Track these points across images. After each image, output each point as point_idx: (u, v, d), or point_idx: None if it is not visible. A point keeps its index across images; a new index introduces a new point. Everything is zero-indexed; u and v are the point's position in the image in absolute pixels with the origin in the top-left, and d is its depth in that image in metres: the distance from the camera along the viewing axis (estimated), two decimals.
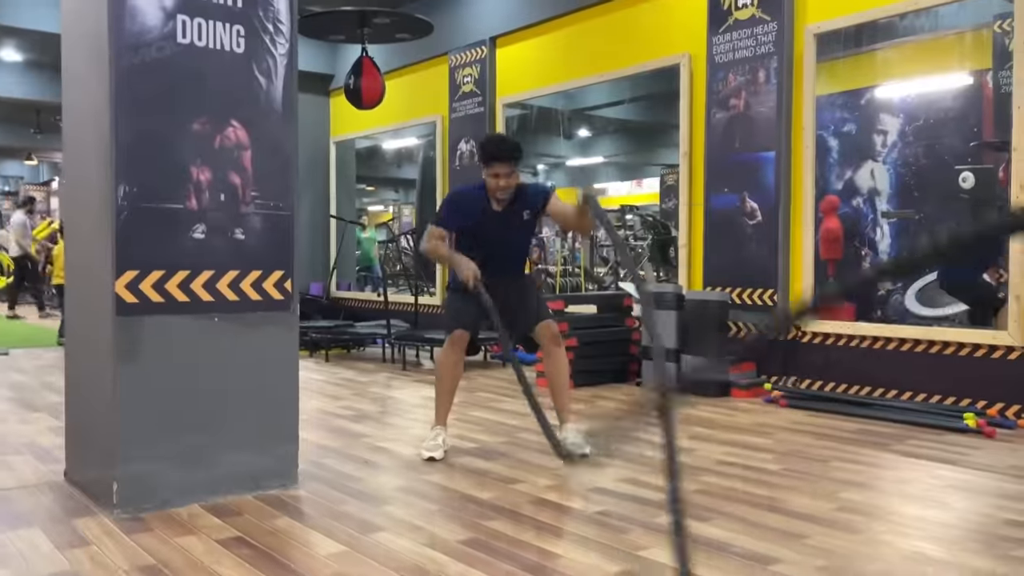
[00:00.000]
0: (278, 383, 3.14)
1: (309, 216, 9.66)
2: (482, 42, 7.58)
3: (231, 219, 2.98)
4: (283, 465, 3.13)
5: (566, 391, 3.79)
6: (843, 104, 6.71)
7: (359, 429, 4.25)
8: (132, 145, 2.77)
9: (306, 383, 5.75)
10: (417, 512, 2.84)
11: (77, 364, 3.20)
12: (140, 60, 2.77)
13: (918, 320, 5.90)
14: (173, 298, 2.87)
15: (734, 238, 5.56)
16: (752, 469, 3.41)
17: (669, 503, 1.23)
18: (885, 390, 4.87)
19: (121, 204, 2.76)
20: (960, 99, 6.38)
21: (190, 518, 2.75)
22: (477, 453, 3.71)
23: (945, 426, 4.20)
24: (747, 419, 4.51)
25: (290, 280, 3.13)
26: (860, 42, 5.82)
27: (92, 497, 2.95)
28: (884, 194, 6.66)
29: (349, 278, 10.23)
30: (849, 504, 2.92)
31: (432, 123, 8.34)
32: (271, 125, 3.06)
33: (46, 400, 4.99)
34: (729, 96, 5.58)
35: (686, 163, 5.98)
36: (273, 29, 3.05)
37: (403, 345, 6.96)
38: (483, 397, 5.25)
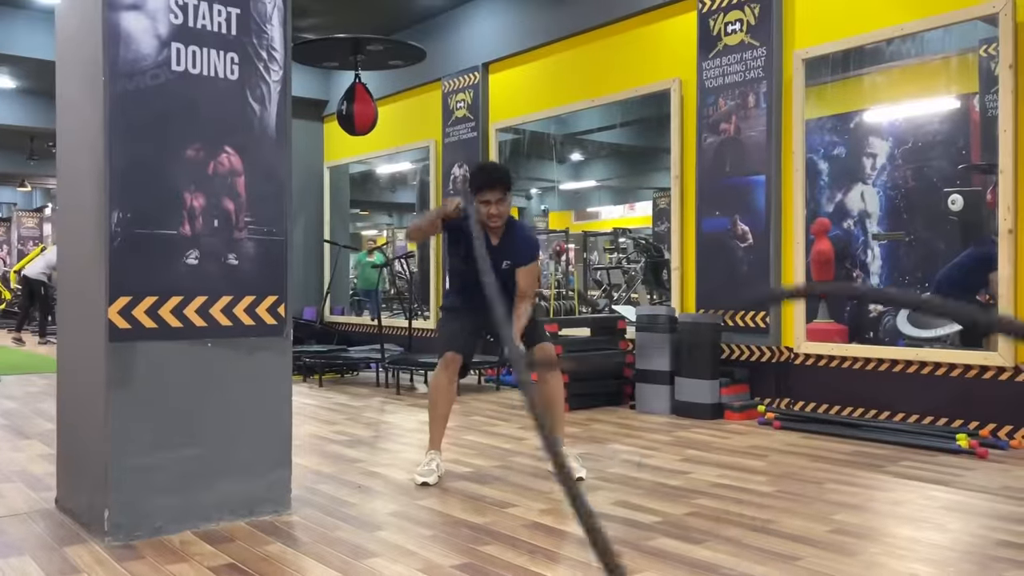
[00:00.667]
0: (271, 408, 3.13)
1: (303, 241, 9.68)
2: (475, 68, 7.65)
3: (225, 244, 2.99)
4: (276, 491, 3.12)
5: (560, 415, 3.79)
6: (832, 128, 6.78)
7: (353, 454, 4.23)
8: (126, 171, 2.79)
9: (300, 408, 5.73)
10: (411, 537, 2.82)
11: (69, 390, 3.19)
12: (134, 87, 2.79)
13: (910, 341, 5.93)
14: (166, 324, 2.87)
15: (726, 261, 5.59)
16: (746, 491, 3.41)
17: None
18: (878, 411, 4.88)
19: (115, 230, 2.77)
20: (948, 122, 6.45)
21: (182, 545, 2.74)
22: (472, 477, 3.70)
23: (938, 447, 4.21)
24: (741, 441, 4.51)
25: (283, 305, 3.14)
26: (848, 67, 5.90)
27: (84, 525, 2.93)
28: (874, 216, 6.72)
29: (343, 302, 10.23)
30: (843, 526, 2.92)
31: (426, 148, 8.39)
32: (265, 151, 3.08)
33: (38, 427, 4.96)
34: (719, 120, 5.63)
35: (678, 186, 6.02)
36: (267, 56, 3.08)
37: (397, 369, 6.95)
38: (478, 421, 5.24)
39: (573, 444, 4.24)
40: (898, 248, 6.70)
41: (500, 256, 3.63)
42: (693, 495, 3.35)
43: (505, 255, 3.64)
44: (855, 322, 6.48)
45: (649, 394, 5.51)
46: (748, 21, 5.47)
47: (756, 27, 5.43)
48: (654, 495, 3.35)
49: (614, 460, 4.02)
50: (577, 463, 3.67)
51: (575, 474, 3.58)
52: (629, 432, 4.82)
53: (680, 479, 3.63)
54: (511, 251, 3.65)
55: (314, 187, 9.84)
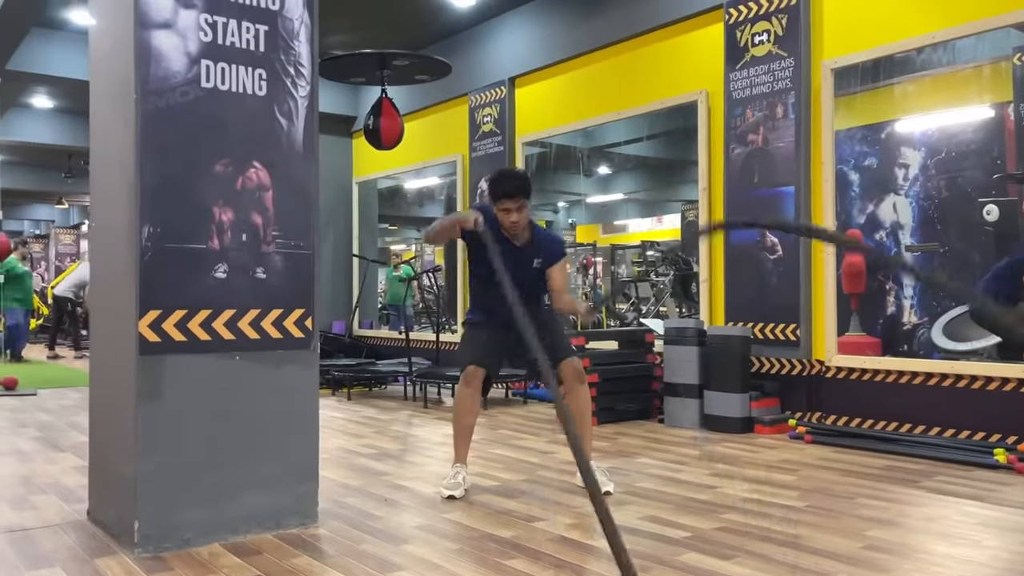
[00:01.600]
0: (299, 421, 3.15)
1: (332, 255, 9.77)
2: (501, 82, 7.69)
3: (253, 258, 3.03)
4: (303, 504, 3.13)
5: (589, 429, 3.76)
6: (863, 138, 6.71)
7: (380, 467, 4.24)
8: (156, 187, 2.83)
9: (328, 421, 5.76)
10: (437, 551, 2.81)
11: (101, 403, 3.23)
12: (165, 104, 2.84)
13: (945, 354, 5.82)
14: (195, 337, 2.90)
15: (755, 273, 5.54)
16: (776, 506, 3.35)
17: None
18: (912, 425, 4.79)
19: (145, 245, 2.81)
20: (982, 132, 6.35)
21: (211, 557, 2.75)
22: (498, 491, 3.68)
23: (974, 462, 4.12)
24: (771, 455, 4.45)
25: (311, 318, 3.16)
26: (878, 76, 5.84)
27: (114, 536, 2.96)
28: (907, 227, 6.62)
29: (371, 316, 10.29)
30: (876, 542, 2.86)
31: (453, 162, 8.43)
32: (292, 166, 3.11)
33: (72, 440, 5.04)
34: (747, 131, 5.60)
35: (705, 198, 5.99)
36: (294, 72, 3.11)
37: (424, 383, 6.96)
38: (504, 434, 5.23)
39: (601, 458, 4.21)
40: (932, 259, 6.60)
41: (528, 256, 3.67)
42: (722, 510, 3.30)
43: (533, 254, 3.68)
44: (888, 335, 6.38)
45: (678, 408, 5.46)
46: (775, 32, 5.44)
47: (784, 37, 5.40)
48: (683, 510, 3.31)
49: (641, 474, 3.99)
50: (605, 476, 3.64)
51: (603, 488, 3.56)
52: (657, 446, 4.77)
53: (709, 494, 3.58)
54: (539, 250, 3.70)
55: (343, 202, 9.93)
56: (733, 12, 5.68)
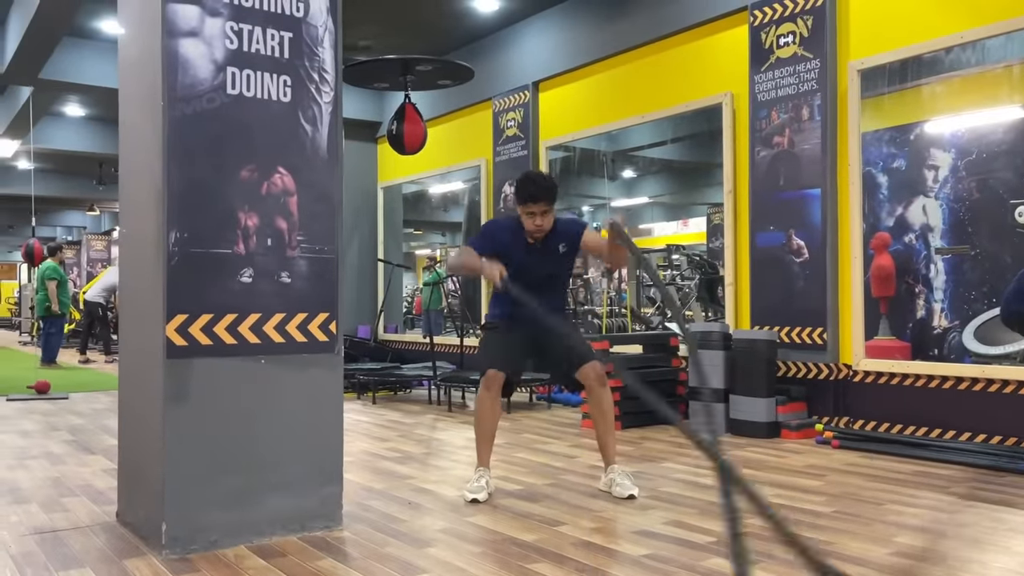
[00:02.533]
0: (323, 424, 3.17)
1: (357, 260, 9.83)
2: (524, 87, 7.70)
3: (278, 263, 3.06)
4: (328, 507, 3.15)
5: (612, 433, 3.75)
6: (891, 140, 6.63)
7: (404, 471, 4.26)
8: (183, 193, 2.87)
9: (353, 425, 5.80)
10: (460, 554, 2.82)
11: (130, 406, 3.28)
12: (191, 111, 2.87)
13: (977, 358, 5.73)
14: (221, 340, 2.94)
15: (781, 276, 5.49)
16: (803, 512, 3.32)
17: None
18: (943, 431, 4.72)
19: (172, 250, 2.85)
20: (1013, 132, 6.25)
21: (236, 559, 2.78)
22: (521, 495, 3.68)
23: (1006, 468, 4.05)
24: (798, 460, 4.41)
25: (335, 322, 3.18)
26: (906, 78, 5.77)
27: (142, 538, 3.00)
28: (937, 230, 6.52)
29: (396, 320, 10.33)
30: (905, 549, 2.82)
31: (477, 167, 8.46)
32: (317, 171, 3.14)
33: (103, 443, 5.11)
34: (773, 134, 5.56)
35: (731, 201, 5.95)
36: (319, 78, 3.14)
37: (449, 387, 6.98)
38: (528, 439, 5.22)
39: (626, 463, 4.19)
40: (962, 262, 6.49)
41: (551, 248, 3.68)
42: (747, 515, 3.27)
43: (556, 243, 3.68)
44: (918, 339, 6.29)
45: (703, 412, 5.43)
46: (801, 33, 5.40)
47: (809, 39, 5.35)
48: (708, 515, 3.29)
49: (666, 479, 3.96)
50: (629, 480, 3.63)
51: (626, 492, 3.54)
52: (682, 451, 4.74)
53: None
54: (560, 238, 3.69)
55: (368, 207, 10.00)
56: (758, 14, 5.65)
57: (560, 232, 3.70)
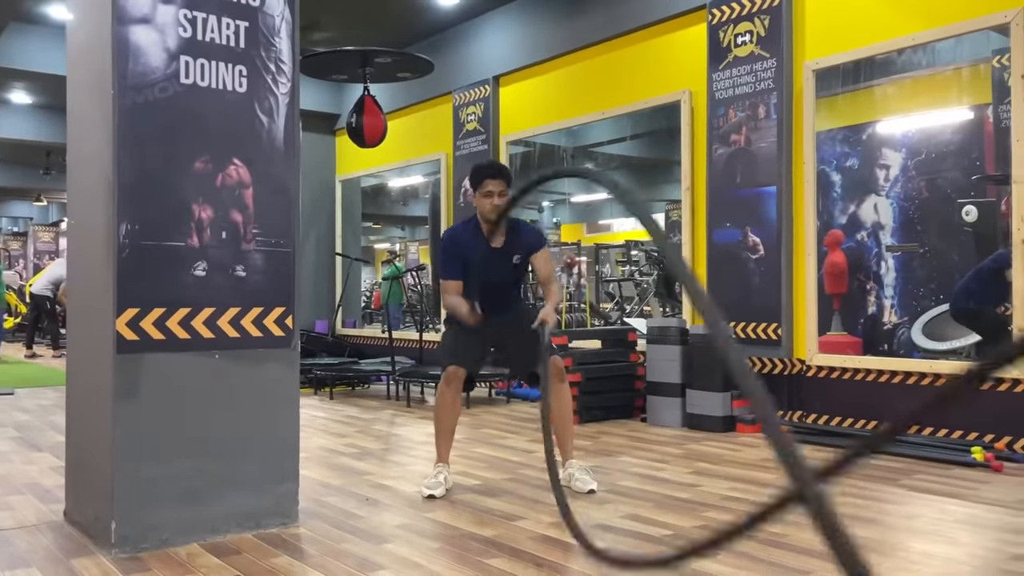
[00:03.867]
0: (279, 420, 3.13)
1: (315, 254, 9.72)
2: (485, 81, 7.67)
3: (232, 256, 3.00)
4: (284, 503, 3.11)
5: (570, 427, 3.76)
6: (844, 139, 6.75)
7: (361, 467, 4.22)
8: (134, 183, 2.80)
9: (310, 421, 5.73)
10: (418, 550, 2.80)
11: (78, 402, 3.20)
12: (143, 100, 2.81)
13: (925, 353, 5.87)
14: (174, 335, 2.88)
15: (737, 273, 5.56)
16: (757, 504, 3.36)
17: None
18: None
19: (123, 242, 2.78)
20: (961, 133, 6.41)
21: (189, 557, 2.73)
22: (480, 490, 3.67)
23: (953, 460, 4.15)
24: (753, 454, 4.47)
25: (291, 316, 3.14)
26: (859, 78, 5.88)
27: (91, 537, 2.93)
28: (888, 228, 6.67)
29: (354, 315, 10.25)
30: (856, 540, 2.87)
31: (437, 161, 8.41)
32: (273, 163, 3.09)
33: (50, 440, 4.98)
34: (730, 132, 5.62)
35: (688, 198, 6.01)
36: (275, 69, 3.09)
37: (408, 382, 6.94)
38: (487, 433, 5.22)
39: (584, 457, 4.21)
40: (912, 260, 6.65)
41: (508, 253, 3.67)
42: (703, 508, 3.31)
43: (514, 250, 3.68)
44: (869, 334, 6.43)
45: (660, 407, 5.48)
46: (758, 32, 5.46)
47: (766, 38, 5.42)
48: (664, 508, 3.32)
49: (624, 473, 3.99)
50: (588, 475, 3.64)
51: (586, 487, 3.56)
52: (639, 445, 4.78)
53: (690, 492, 3.59)
54: (518, 246, 3.69)
55: (326, 200, 9.89)
56: (716, 12, 5.70)
57: (521, 236, 3.70)
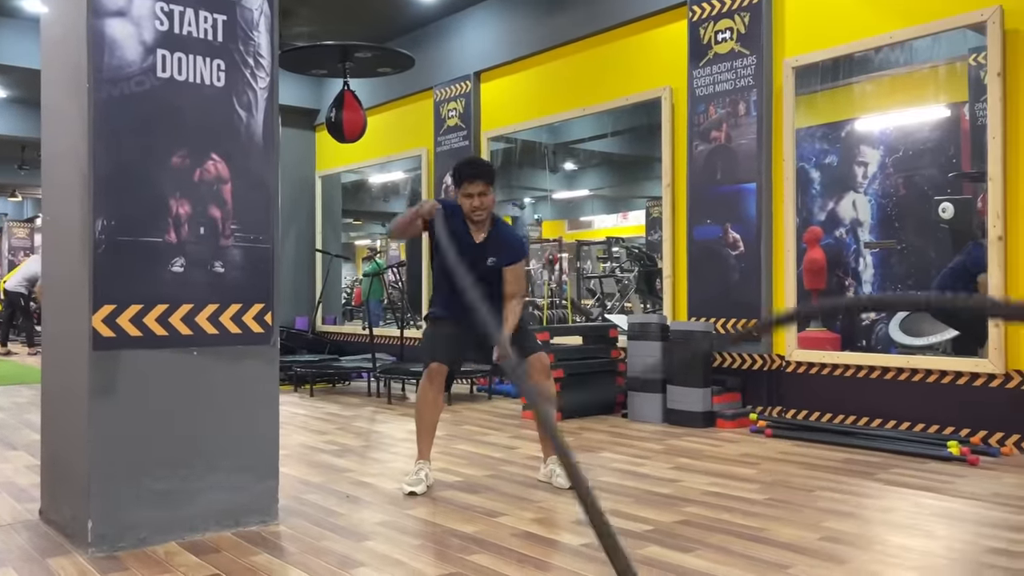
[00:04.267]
0: (258, 417, 3.10)
1: (295, 250, 9.66)
2: (466, 77, 7.65)
3: (211, 252, 2.97)
4: (263, 501, 3.09)
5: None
6: (823, 136, 6.80)
7: (342, 464, 4.20)
8: (110, 178, 2.77)
9: (290, 418, 5.70)
10: (399, 547, 2.79)
11: (53, 400, 3.15)
12: (119, 93, 2.77)
13: (902, 349, 5.92)
14: (151, 332, 2.85)
15: (717, 269, 5.59)
16: (737, 499, 3.39)
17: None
18: (870, 419, 4.87)
19: (99, 238, 2.75)
20: (938, 131, 6.47)
21: (167, 556, 2.70)
22: (461, 487, 3.67)
23: (929, 454, 4.20)
24: (733, 449, 4.49)
25: (271, 313, 3.12)
26: (838, 76, 5.92)
27: (67, 536, 2.89)
28: (866, 224, 6.73)
29: (335, 312, 10.20)
30: (834, 534, 2.90)
31: (418, 156, 8.38)
32: (252, 158, 3.06)
33: (25, 438, 4.92)
34: (710, 128, 5.64)
35: (669, 195, 6.02)
36: (254, 63, 3.06)
37: (388, 379, 6.92)
38: (469, 430, 5.21)
39: None
40: (890, 256, 6.71)
41: (484, 253, 3.63)
42: (684, 503, 3.33)
43: (490, 252, 3.63)
44: (847, 331, 6.48)
45: (641, 403, 5.50)
46: (738, 29, 5.48)
47: (746, 35, 5.44)
48: (645, 503, 3.33)
49: (604, 468, 4.00)
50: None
51: (567, 483, 3.56)
52: (620, 441, 4.79)
53: (671, 487, 3.61)
54: (496, 248, 3.64)
55: (306, 196, 9.82)
56: (696, 9, 5.72)
57: (502, 240, 3.65)
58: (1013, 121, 4.37)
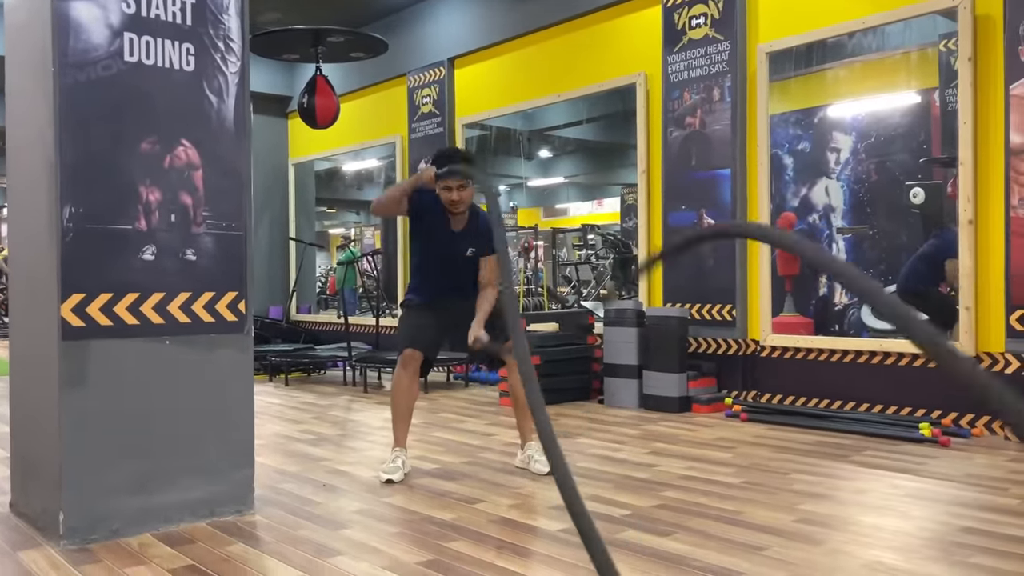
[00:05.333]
0: (232, 406, 3.07)
1: (268, 239, 9.56)
2: (440, 63, 7.60)
3: (182, 240, 2.93)
4: (238, 490, 3.06)
5: (528, 410, 3.76)
6: (797, 122, 6.84)
7: (318, 453, 4.17)
8: (77, 165, 2.71)
9: (265, 408, 5.65)
10: (376, 535, 2.78)
11: (23, 391, 3.10)
12: (85, 78, 2.71)
13: (874, 333, 5.99)
14: (122, 321, 2.80)
15: (693, 255, 5.60)
16: (713, 483, 3.41)
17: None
18: (843, 402, 4.92)
19: (67, 226, 2.69)
20: (909, 117, 6.54)
21: (141, 548, 2.67)
22: (438, 474, 3.66)
23: (901, 436, 4.26)
24: (708, 434, 4.53)
25: (244, 301, 3.08)
26: (811, 61, 5.95)
27: (39, 529, 2.85)
28: (839, 210, 6.79)
29: (309, 301, 10.12)
30: (809, 515, 2.93)
31: (392, 143, 8.32)
32: (223, 144, 3.01)
33: None
34: (685, 114, 5.64)
35: (644, 181, 6.03)
36: (224, 47, 3.01)
37: (364, 367, 6.88)
38: (445, 418, 5.20)
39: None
40: (862, 241, 6.78)
41: (463, 243, 3.61)
42: (661, 488, 3.34)
43: (469, 242, 3.61)
44: (820, 315, 6.55)
45: (617, 388, 5.51)
46: (712, 15, 5.48)
47: (720, 21, 5.45)
48: (622, 488, 3.34)
49: (582, 454, 4.01)
50: (544, 456, 3.65)
51: (545, 468, 3.57)
52: (597, 426, 4.81)
53: (648, 472, 3.62)
54: (474, 238, 3.62)
55: (279, 184, 9.72)
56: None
57: (481, 230, 3.61)
58: (984, 106, 4.42)
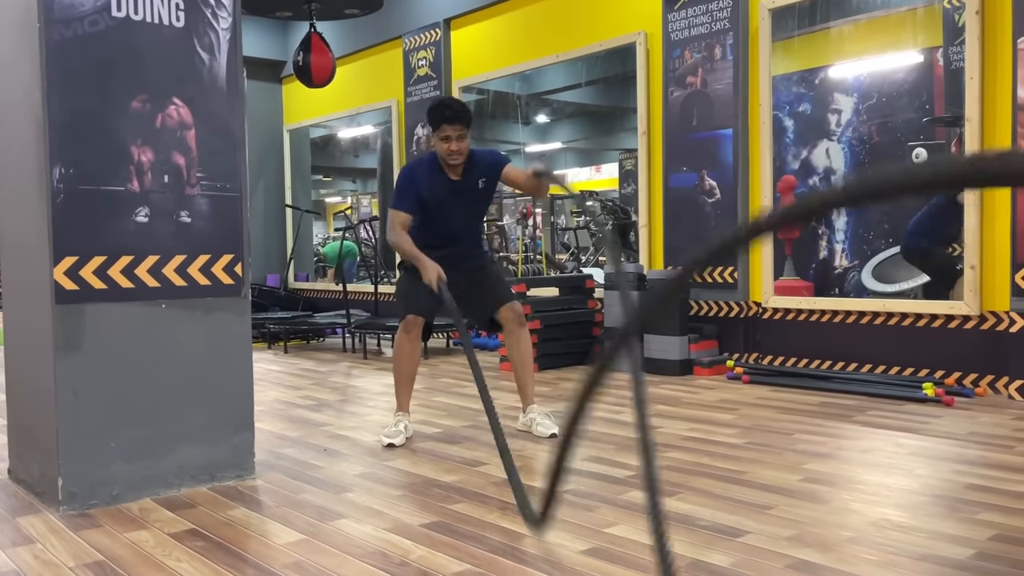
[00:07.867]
0: (231, 370, 3.03)
1: (264, 206, 9.48)
2: (436, 24, 7.47)
3: (176, 201, 2.87)
4: (239, 455, 3.03)
5: (530, 373, 3.73)
6: (798, 83, 6.74)
7: (319, 418, 4.15)
8: (67, 124, 2.64)
9: (264, 375, 5.63)
10: (379, 498, 2.76)
11: (17, 356, 3.06)
12: (72, 34, 2.63)
13: (875, 295, 5.96)
14: (117, 284, 2.75)
15: (693, 216, 5.55)
16: (717, 444, 3.39)
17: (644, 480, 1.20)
18: (846, 363, 4.90)
19: (57, 187, 2.63)
20: (912, 76, 6.44)
21: (141, 512, 2.65)
22: (440, 438, 3.64)
23: (905, 396, 4.24)
24: (711, 396, 4.51)
25: (240, 264, 3.03)
26: (815, 19, 5.84)
27: (37, 495, 2.82)
28: (840, 172, 6.71)
29: (307, 269, 10.07)
30: (814, 475, 2.91)
31: (387, 108, 8.21)
32: (216, 103, 2.94)
33: None
34: (686, 73, 5.55)
35: (644, 142, 5.95)
36: (215, 3, 2.92)
37: (363, 334, 6.85)
38: (446, 383, 5.18)
39: (544, 403, 4.19)
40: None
41: (471, 181, 3.55)
42: (664, 449, 3.32)
43: (476, 176, 3.55)
44: (821, 278, 6.51)
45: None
46: None
47: None
48: (626, 450, 3.32)
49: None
50: (549, 419, 3.63)
51: (548, 431, 3.55)
52: (599, 390, 4.78)
53: (652, 434, 3.60)
54: (480, 170, 3.55)
55: (274, 150, 9.61)
56: None
57: (479, 164, 3.57)
58: (991, 62, 4.34)
